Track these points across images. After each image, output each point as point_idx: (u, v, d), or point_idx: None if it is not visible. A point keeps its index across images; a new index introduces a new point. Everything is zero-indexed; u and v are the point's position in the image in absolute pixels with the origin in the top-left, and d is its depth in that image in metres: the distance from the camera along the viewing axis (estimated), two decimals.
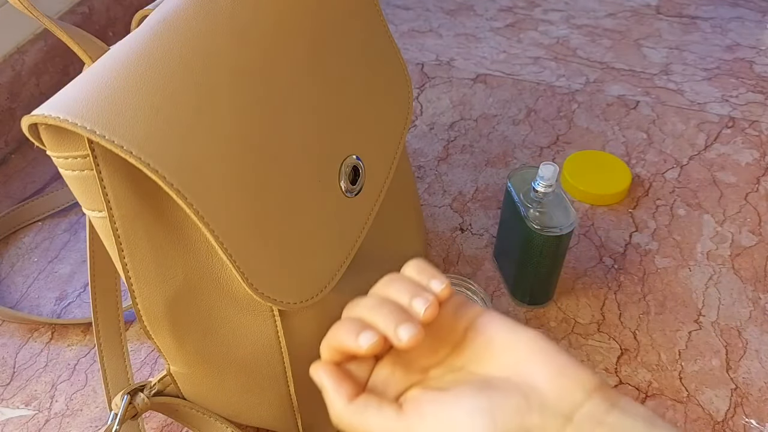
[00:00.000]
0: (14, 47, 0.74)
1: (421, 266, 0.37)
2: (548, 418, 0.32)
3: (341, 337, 0.35)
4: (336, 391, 0.35)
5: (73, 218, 0.68)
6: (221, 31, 0.37)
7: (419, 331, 0.33)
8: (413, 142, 0.75)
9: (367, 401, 0.35)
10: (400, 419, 0.34)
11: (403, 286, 0.36)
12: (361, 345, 0.34)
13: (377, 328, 0.34)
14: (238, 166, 0.36)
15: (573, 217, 0.53)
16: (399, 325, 0.34)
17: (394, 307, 0.35)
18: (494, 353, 0.35)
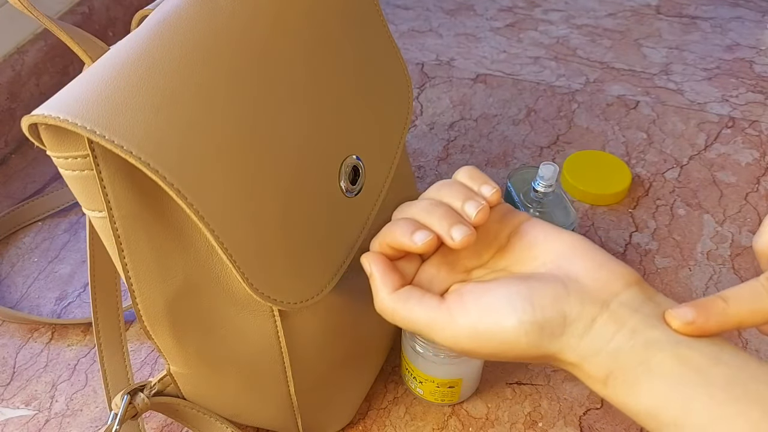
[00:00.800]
0: (14, 47, 0.74)
1: (472, 173, 0.39)
2: (586, 304, 0.32)
3: (396, 233, 0.36)
4: (382, 280, 0.36)
5: (73, 218, 0.68)
6: (221, 31, 0.37)
7: (472, 232, 0.35)
8: (413, 142, 0.75)
9: (410, 291, 0.36)
10: (441, 309, 0.35)
11: (455, 190, 0.37)
12: (416, 242, 0.35)
13: (431, 228, 0.36)
14: (238, 166, 0.36)
15: (573, 216, 0.52)
16: (452, 225, 0.35)
17: (447, 209, 0.36)
18: (537, 254, 0.36)
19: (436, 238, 0.35)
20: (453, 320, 0.34)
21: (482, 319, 0.33)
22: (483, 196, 0.37)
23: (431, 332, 0.35)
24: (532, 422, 0.51)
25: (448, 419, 0.51)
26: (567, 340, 0.32)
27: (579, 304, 0.33)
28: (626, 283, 0.34)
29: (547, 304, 0.33)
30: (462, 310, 0.34)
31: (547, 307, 0.33)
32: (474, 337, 0.33)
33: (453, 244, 0.35)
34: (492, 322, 0.33)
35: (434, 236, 0.35)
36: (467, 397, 0.52)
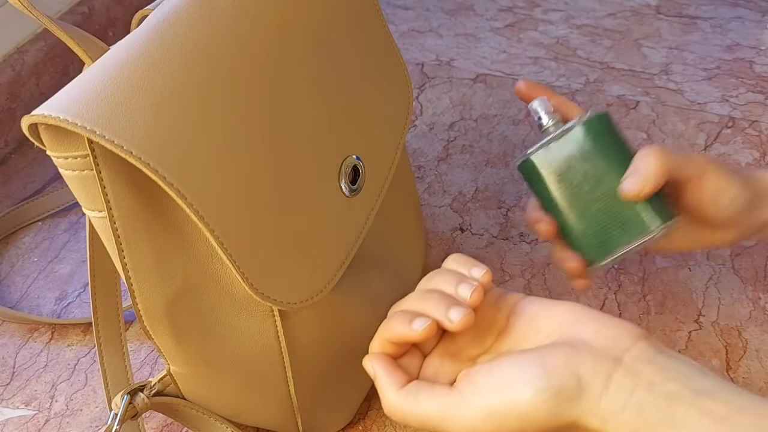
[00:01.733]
0: (14, 47, 0.74)
1: (461, 259, 0.39)
2: (599, 362, 0.32)
3: (394, 326, 0.36)
4: (388, 379, 0.36)
5: (73, 218, 0.68)
6: (221, 31, 0.37)
7: (469, 312, 0.35)
8: (413, 142, 0.75)
9: (418, 385, 0.35)
10: (453, 395, 0.34)
11: (447, 276, 0.38)
12: (415, 329, 0.35)
13: (428, 314, 0.35)
14: (239, 166, 0.36)
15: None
16: (449, 308, 0.35)
17: (442, 294, 0.36)
18: (539, 328, 0.36)
19: (435, 324, 0.35)
20: (466, 404, 0.33)
21: (496, 397, 0.32)
22: (475, 279, 0.37)
23: (445, 423, 0.34)
24: None
25: None
26: (586, 404, 0.31)
27: (592, 363, 0.32)
28: (635, 338, 0.33)
29: (560, 367, 0.32)
30: (474, 392, 0.33)
31: (560, 369, 0.32)
32: (491, 418, 0.32)
33: (452, 326, 0.35)
34: (507, 397, 0.32)
35: (433, 321, 0.35)
36: None
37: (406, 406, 0.35)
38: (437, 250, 0.63)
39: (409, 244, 0.57)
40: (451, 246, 0.64)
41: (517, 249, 0.63)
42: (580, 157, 0.45)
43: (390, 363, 0.37)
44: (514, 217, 0.66)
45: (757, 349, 0.55)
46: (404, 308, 0.37)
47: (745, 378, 0.53)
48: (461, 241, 0.64)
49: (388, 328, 0.37)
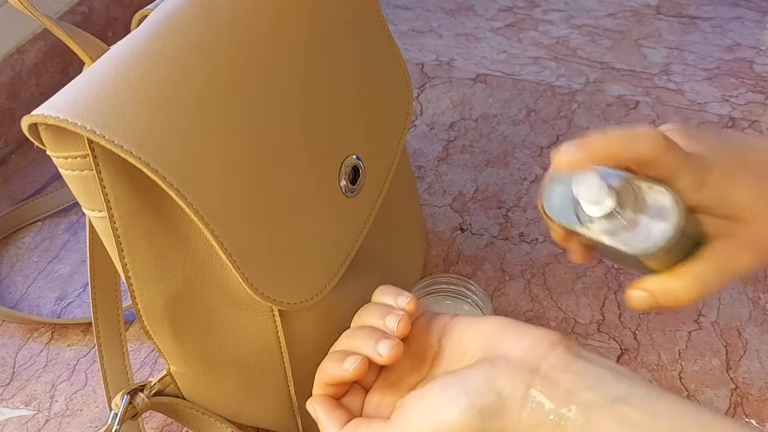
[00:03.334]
0: (14, 47, 0.74)
1: (385, 289, 0.40)
2: (516, 375, 0.32)
3: (328, 368, 0.37)
4: (328, 419, 0.37)
5: (73, 218, 0.68)
6: (221, 31, 0.37)
7: (397, 344, 0.36)
8: (413, 142, 0.75)
9: (357, 424, 0.36)
10: (388, 427, 0.35)
11: (373, 310, 0.39)
12: (346, 369, 0.36)
13: (359, 351, 0.37)
14: (238, 166, 0.36)
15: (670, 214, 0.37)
16: (377, 342, 0.36)
17: (370, 329, 0.37)
18: (467, 346, 0.37)
19: (366, 360, 0.36)
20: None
21: (425, 422, 0.33)
22: (400, 308, 0.38)
23: None
24: None
25: None
26: (508, 418, 0.32)
27: (510, 377, 0.32)
28: (550, 344, 0.34)
29: (479, 385, 0.33)
30: (406, 420, 0.34)
31: (480, 387, 0.32)
32: None
33: (381, 360, 0.36)
34: (434, 421, 0.33)
35: (363, 358, 0.36)
36: None
37: None
38: (437, 250, 0.63)
39: (409, 244, 0.57)
40: (451, 246, 0.64)
41: (517, 249, 0.63)
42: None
43: (330, 405, 0.38)
44: (514, 217, 0.66)
45: (757, 349, 0.55)
46: (338, 348, 0.38)
47: (745, 378, 0.53)
48: (461, 241, 0.64)
49: (323, 371, 0.38)
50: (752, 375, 0.53)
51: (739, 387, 0.53)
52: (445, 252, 0.63)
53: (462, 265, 0.62)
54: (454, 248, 0.64)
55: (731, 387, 0.53)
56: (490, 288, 0.60)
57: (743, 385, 0.53)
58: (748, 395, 0.52)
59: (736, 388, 0.53)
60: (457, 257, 0.63)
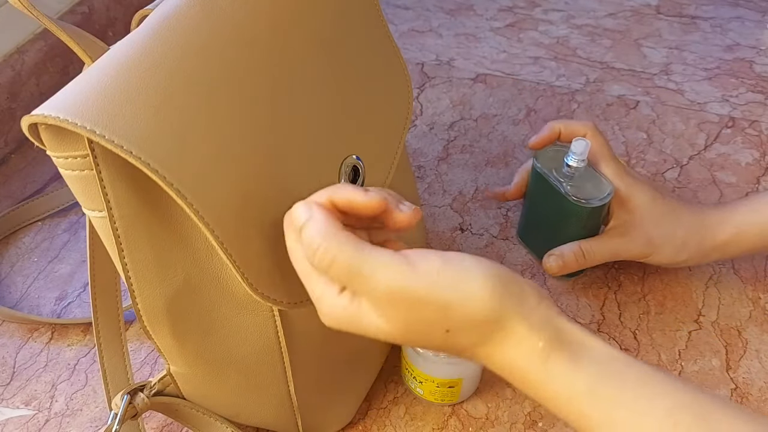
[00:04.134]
0: (14, 47, 0.74)
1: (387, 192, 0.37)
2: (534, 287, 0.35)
3: (347, 191, 0.34)
4: (328, 216, 0.34)
5: (73, 218, 0.68)
6: (221, 31, 0.37)
7: (418, 208, 0.36)
8: (413, 142, 0.75)
9: (361, 243, 0.33)
10: (404, 265, 0.33)
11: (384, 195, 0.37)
12: (367, 198, 0.34)
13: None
14: (238, 166, 0.36)
15: (607, 188, 0.55)
16: (399, 202, 0.35)
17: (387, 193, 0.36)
18: None
19: (385, 203, 0.34)
20: (415, 270, 0.32)
21: (449, 271, 0.33)
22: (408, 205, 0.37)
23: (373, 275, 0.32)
24: (532, 422, 0.51)
25: (448, 419, 0.51)
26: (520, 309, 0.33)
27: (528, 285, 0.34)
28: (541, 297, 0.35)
29: (505, 272, 0.34)
30: (424, 260, 0.33)
31: (506, 273, 0.34)
32: (434, 285, 0.32)
33: (402, 215, 0.35)
34: (460, 276, 0.33)
35: (385, 197, 0.34)
36: (467, 397, 0.52)
37: (345, 243, 0.33)
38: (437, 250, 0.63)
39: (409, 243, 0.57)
40: (451, 246, 0.64)
41: (517, 249, 0.63)
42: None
43: (333, 216, 0.34)
44: (514, 217, 0.66)
45: (757, 349, 0.55)
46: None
47: (745, 378, 0.53)
48: (461, 241, 0.64)
49: (340, 189, 0.35)
50: (752, 375, 0.53)
51: (739, 387, 0.53)
52: None
53: None
54: (454, 248, 0.64)
55: (731, 387, 0.53)
56: None
57: (743, 385, 0.53)
58: (748, 395, 0.52)
59: (736, 388, 0.53)
60: None
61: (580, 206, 0.54)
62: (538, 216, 0.60)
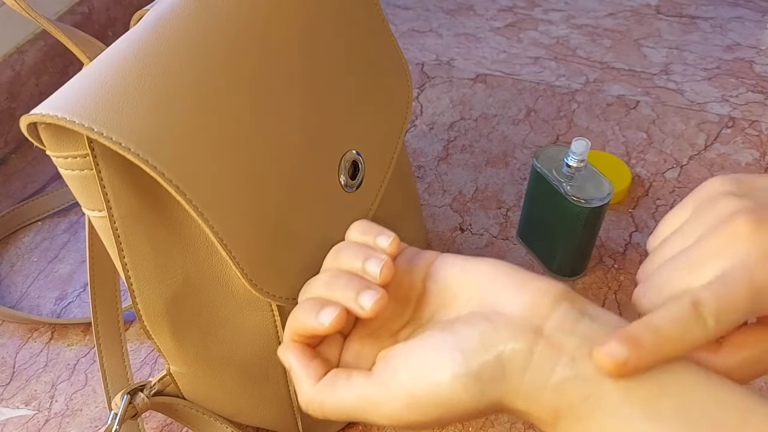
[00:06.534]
0: (14, 47, 0.74)
1: (364, 226, 0.35)
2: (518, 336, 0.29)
3: (301, 319, 0.33)
4: (304, 371, 0.33)
5: (73, 218, 0.68)
6: (218, 28, 0.37)
7: (381, 294, 0.32)
8: (413, 142, 0.75)
9: (335, 375, 0.32)
10: (371, 382, 0.31)
11: (352, 251, 0.34)
12: (323, 323, 0.32)
13: (338, 302, 0.32)
14: (238, 162, 0.36)
15: (609, 186, 0.55)
16: (359, 293, 0.32)
17: (349, 276, 0.33)
18: (456, 291, 0.33)
19: (345, 312, 0.32)
20: (386, 391, 0.30)
21: (416, 383, 0.30)
22: (382, 249, 0.34)
23: (367, 414, 0.31)
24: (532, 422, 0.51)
25: None
26: (509, 384, 0.29)
27: (511, 338, 0.29)
28: (554, 300, 0.30)
29: (478, 348, 0.29)
30: (392, 378, 0.30)
31: (478, 350, 0.29)
32: (413, 406, 0.30)
33: (364, 313, 0.31)
34: (427, 383, 0.29)
35: (342, 310, 0.32)
36: None
37: (324, 400, 0.32)
38: (437, 250, 0.63)
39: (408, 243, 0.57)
40: (451, 246, 0.64)
41: (517, 249, 0.63)
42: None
43: (306, 353, 0.33)
44: (514, 217, 0.66)
45: None
46: (312, 295, 0.34)
47: None
48: (461, 241, 0.64)
49: (295, 321, 0.33)
50: None
51: None
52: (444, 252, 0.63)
53: None
54: (454, 248, 0.64)
55: None
56: None
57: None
58: None
59: None
60: None
61: (580, 206, 0.54)
62: (538, 216, 0.60)
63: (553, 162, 0.57)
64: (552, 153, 0.58)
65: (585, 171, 0.55)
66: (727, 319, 0.29)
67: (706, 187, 0.33)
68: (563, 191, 0.55)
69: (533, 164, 0.57)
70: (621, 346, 0.28)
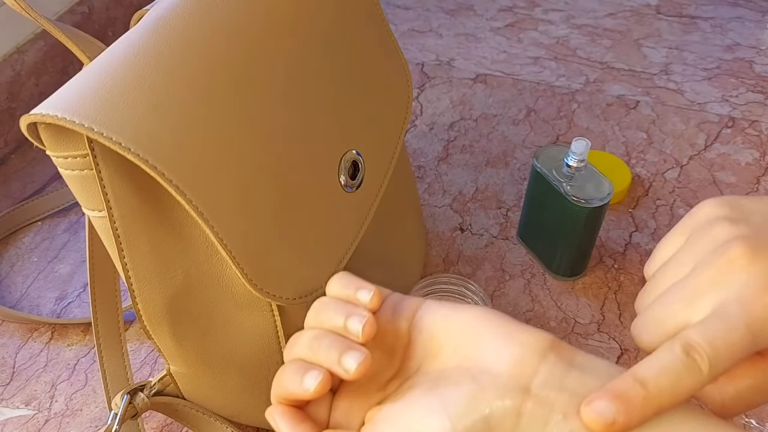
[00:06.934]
0: (14, 47, 0.74)
1: (343, 280, 0.34)
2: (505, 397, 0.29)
3: (286, 384, 0.32)
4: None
5: (73, 218, 0.68)
6: (217, 28, 0.37)
7: (365, 355, 0.31)
8: (413, 142, 0.75)
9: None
10: None
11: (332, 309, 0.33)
12: (307, 389, 0.31)
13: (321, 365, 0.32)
14: (237, 162, 0.36)
15: (609, 186, 0.55)
16: (342, 355, 0.31)
17: (332, 337, 0.32)
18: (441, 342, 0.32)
19: (329, 376, 0.31)
20: None
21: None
22: (363, 305, 0.33)
23: None
24: None
25: None
26: None
27: (498, 400, 0.29)
28: (541, 354, 0.30)
29: (464, 413, 0.29)
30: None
31: (465, 415, 0.29)
32: None
33: (349, 376, 0.31)
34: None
35: (325, 374, 0.31)
36: None
37: None
38: (437, 250, 0.63)
39: (409, 243, 0.57)
40: (451, 246, 0.64)
41: (517, 249, 0.63)
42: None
43: (295, 417, 0.33)
44: (514, 218, 0.66)
45: None
46: (295, 356, 0.33)
47: None
48: (461, 241, 0.64)
49: (280, 386, 0.33)
50: None
51: None
52: (445, 252, 0.63)
53: (462, 265, 0.62)
54: (454, 248, 0.64)
55: None
56: (490, 288, 0.60)
57: None
58: None
59: None
60: (457, 257, 0.63)
61: (580, 206, 0.54)
62: (538, 216, 0.60)
63: (553, 162, 0.57)
64: (552, 153, 0.58)
65: (585, 171, 0.55)
66: (723, 361, 0.28)
67: (701, 210, 0.32)
68: (563, 191, 0.55)
69: (533, 164, 0.58)
70: (609, 404, 0.27)
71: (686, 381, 0.27)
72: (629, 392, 0.27)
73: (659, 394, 0.27)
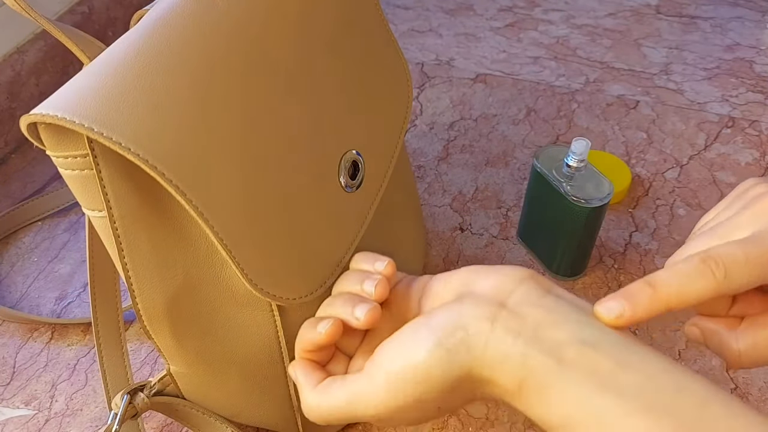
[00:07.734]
0: (14, 47, 0.74)
1: (363, 256, 0.40)
2: (481, 308, 0.31)
3: (303, 334, 0.37)
4: (306, 379, 0.36)
5: (73, 218, 0.68)
6: (217, 28, 0.37)
7: (374, 307, 0.36)
8: (413, 141, 0.75)
9: (332, 380, 0.36)
10: (360, 376, 0.34)
11: (351, 277, 0.39)
12: (320, 332, 0.36)
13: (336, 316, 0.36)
14: (238, 162, 0.36)
15: (609, 186, 0.55)
16: (354, 307, 0.36)
17: (348, 295, 0.37)
18: (442, 298, 0.36)
19: (339, 323, 0.36)
20: (371, 381, 0.33)
21: (395, 363, 0.32)
22: (378, 272, 0.38)
23: (358, 410, 0.34)
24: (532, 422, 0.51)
25: (448, 419, 0.51)
26: (474, 353, 0.30)
27: (474, 310, 0.31)
28: (519, 280, 0.32)
29: (444, 321, 0.31)
30: (377, 367, 0.33)
31: (445, 324, 0.31)
32: (391, 386, 0.32)
33: (359, 324, 0.35)
34: (404, 362, 0.32)
35: (336, 321, 0.36)
36: None
37: (320, 402, 0.35)
38: (437, 250, 0.63)
39: (409, 243, 0.57)
40: (451, 246, 0.64)
41: (517, 249, 0.63)
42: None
43: (310, 366, 0.37)
44: (514, 217, 0.66)
45: None
46: (318, 315, 0.38)
47: (745, 378, 0.53)
48: (461, 240, 0.64)
49: (299, 338, 0.37)
50: (752, 375, 0.53)
51: (739, 387, 0.53)
52: (445, 252, 0.63)
53: (462, 265, 0.62)
54: (454, 248, 0.64)
55: (731, 387, 0.53)
56: None
57: (743, 385, 0.53)
58: (747, 395, 0.52)
59: (736, 387, 0.53)
60: (457, 257, 0.63)
61: (580, 206, 0.54)
62: (538, 216, 0.60)
63: (553, 162, 0.57)
64: (552, 153, 0.58)
65: (585, 171, 0.55)
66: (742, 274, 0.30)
67: (741, 185, 0.35)
68: (563, 191, 0.55)
69: (533, 164, 0.58)
70: (618, 301, 0.30)
71: (696, 284, 0.30)
72: (638, 291, 0.30)
73: (667, 294, 0.30)
